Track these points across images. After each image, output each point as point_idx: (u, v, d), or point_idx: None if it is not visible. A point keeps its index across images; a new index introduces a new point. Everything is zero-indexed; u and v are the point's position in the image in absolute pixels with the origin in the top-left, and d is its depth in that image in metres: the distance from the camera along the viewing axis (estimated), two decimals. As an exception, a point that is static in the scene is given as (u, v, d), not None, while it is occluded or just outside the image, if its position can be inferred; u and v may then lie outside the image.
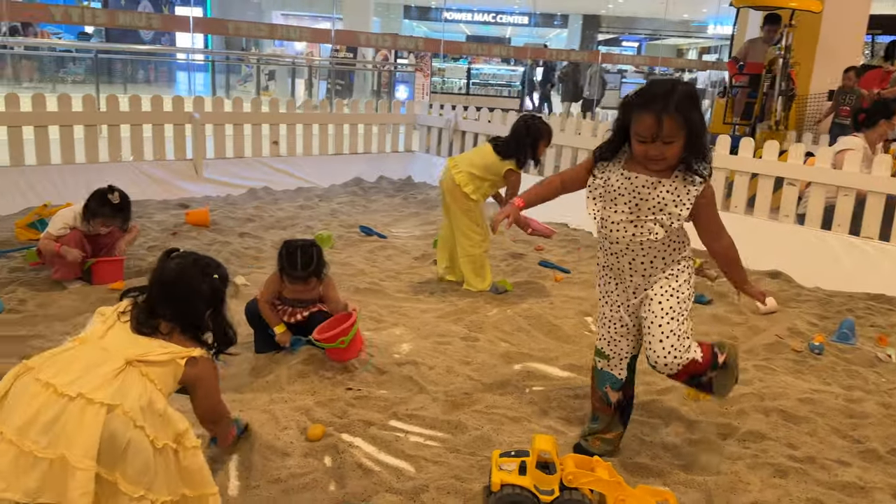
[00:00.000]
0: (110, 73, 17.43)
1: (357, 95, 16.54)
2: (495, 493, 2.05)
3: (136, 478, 1.60)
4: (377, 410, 2.69)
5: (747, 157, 5.24)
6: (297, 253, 2.97)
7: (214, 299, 1.95)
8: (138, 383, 1.67)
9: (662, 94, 2.05)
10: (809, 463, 2.49)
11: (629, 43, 34.44)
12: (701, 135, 2.11)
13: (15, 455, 1.54)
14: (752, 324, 3.86)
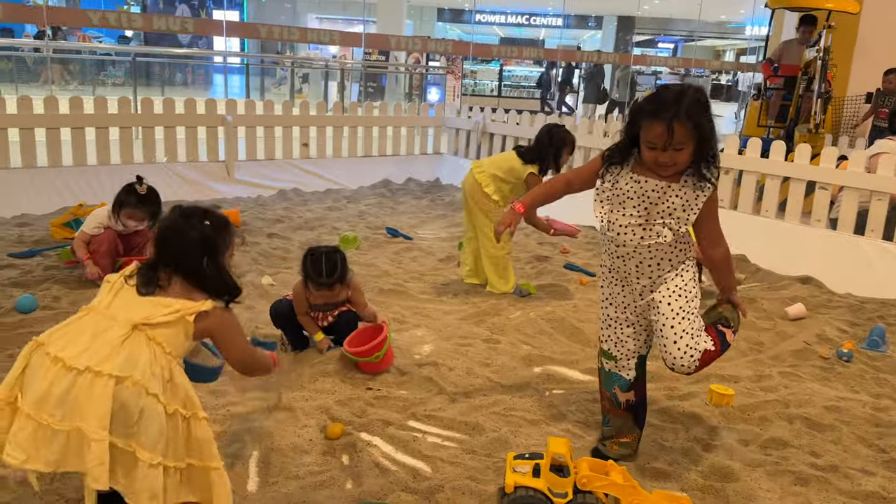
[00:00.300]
0: (148, 76, 17.81)
1: (389, 98, 16.66)
2: (509, 494, 2.06)
3: (152, 445, 1.65)
4: (396, 410, 2.72)
5: (779, 160, 5.16)
6: (321, 260, 3.02)
7: (206, 246, 1.87)
8: (146, 349, 1.69)
9: (673, 101, 2.05)
10: (832, 471, 2.45)
11: (665, 44, 34.07)
12: (711, 140, 2.10)
13: (34, 428, 1.60)
14: (780, 329, 3.81)
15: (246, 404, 2.68)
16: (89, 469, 1.57)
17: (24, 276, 3.89)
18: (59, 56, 14.67)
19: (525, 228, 5.78)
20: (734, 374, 3.22)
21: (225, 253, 1.93)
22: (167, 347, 1.73)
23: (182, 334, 1.78)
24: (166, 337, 1.74)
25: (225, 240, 1.93)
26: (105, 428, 1.58)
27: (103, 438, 1.57)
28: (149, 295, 1.80)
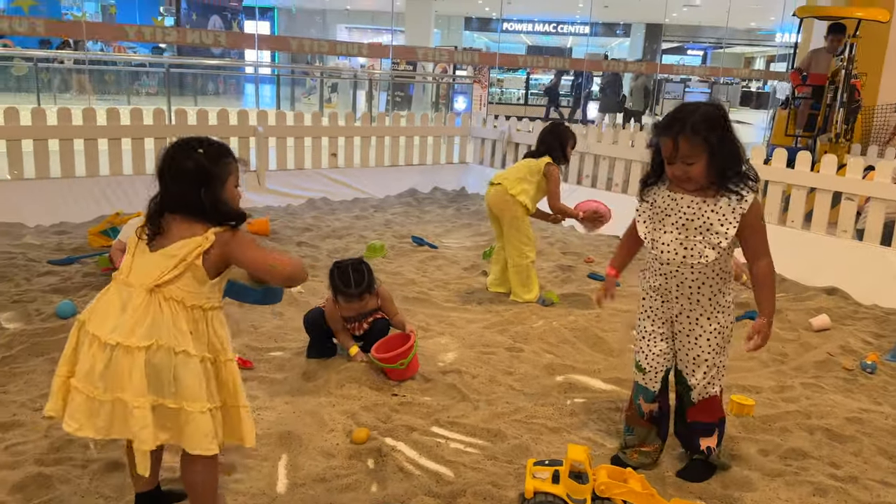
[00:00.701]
0: (181, 86, 18.18)
1: (416, 107, 16.80)
2: (529, 500, 2.12)
3: (195, 395, 1.79)
4: (420, 416, 2.79)
5: (804, 170, 5.15)
6: (348, 272, 3.11)
7: (202, 175, 1.85)
8: (166, 310, 1.78)
9: (680, 118, 2.14)
10: (851, 483, 2.47)
11: (694, 51, 33.85)
12: (728, 154, 2.15)
13: (83, 399, 1.78)
14: (804, 341, 3.81)
15: (276, 408, 2.77)
16: (134, 433, 1.75)
17: (64, 282, 4.04)
18: (96, 67, 15.04)
19: (549, 237, 5.84)
20: (756, 384, 3.25)
21: (225, 181, 1.90)
22: (187, 301, 1.81)
23: (195, 281, 1.82)
24: (181, 290, 1.81)
25: (223, 168, 1.90)
26: (142, 395, 1.73)
27: (142, 405, 1.73)
28: (155, 241, 1.84)
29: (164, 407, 1.78)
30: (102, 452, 2.38)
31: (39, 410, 2.64)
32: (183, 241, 1.82)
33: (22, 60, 13.16)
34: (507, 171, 4.35)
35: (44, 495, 2.13)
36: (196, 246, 1.81)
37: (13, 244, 4.71)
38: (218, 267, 1.88)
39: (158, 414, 1.78)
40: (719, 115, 2.17)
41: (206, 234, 1.83)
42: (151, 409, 1.76)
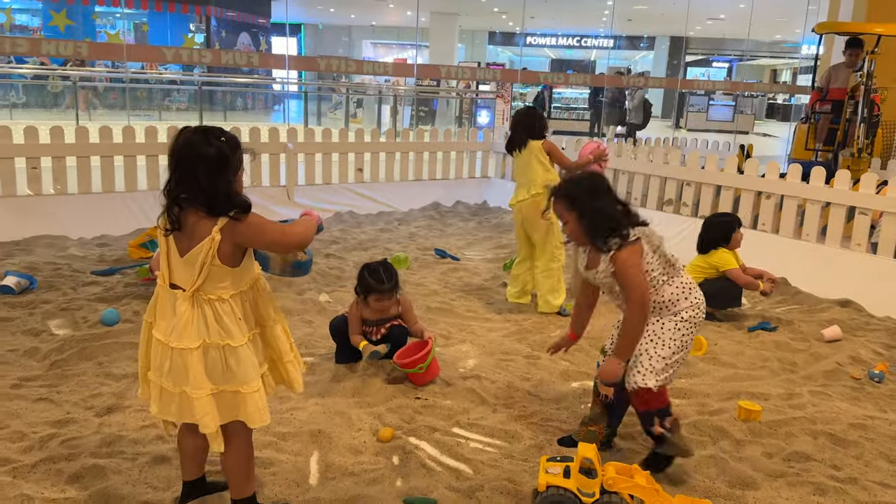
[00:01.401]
0: (212, 102, 18.64)
1: (440, 121, 17.06)
2: (541, 493, 2.28)
3: (246, 378, 2.01)
4: (441, 418, 2.97)
5: (819, 185, 5.26)
6: (378, 270, 3.36)
7: (222, 162, 1.93)
8: (208, 309, 1.98)
9: (559, 187, 2.63)
10: (851, 483, 2.59)
11: (719, 64, 33.79)
12: (594, 217, 2.49)
13: (159, 390, 2.05)
14: (815, 351, 3.92)
15: (307, 409, 2.97)
16: (198, 420, 1.99)
17: (107, 292, 4.29)
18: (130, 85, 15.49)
19: (570, 251, 5.99)
20: (765, 391, 3.37)
21: (238, 171, 2.00)
22: (224, 294, 2.00)
23: (222, 276, 1.98)
24: (217, 289, 1.99)
25: (238, 157, 1.99)
26: (200, 388, 1.97)
27: (201, 396, 1.98)
28: (178, 241, 1.97)
29: (225, 392, 2.01)
30: (150, 446, 2.59)
31: (91, 409, 2.88)
32: (198, 245, 1.93)
33: (58, 78, 13.66)
34: (519, 185, 4.49)
35: (98, 484, 2.34)
36: (207, 250, 1.93)
37: (58, 255, 4.99)
38: (236, 254, 1.99)
39: (220, 399, 2.01)
40: (593, 185, 2.57)
41: (212, 234, 1.92)
42: (214, 395, 2.00)
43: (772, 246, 5.40)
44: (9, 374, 3.13)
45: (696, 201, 6.19)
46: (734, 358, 3.80)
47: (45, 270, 4.60)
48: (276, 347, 2.16)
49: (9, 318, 3.78)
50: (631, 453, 2.75)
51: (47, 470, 2.41)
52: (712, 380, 3.52)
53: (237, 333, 2.00)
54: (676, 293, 2.55)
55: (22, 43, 5.22)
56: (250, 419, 2.04)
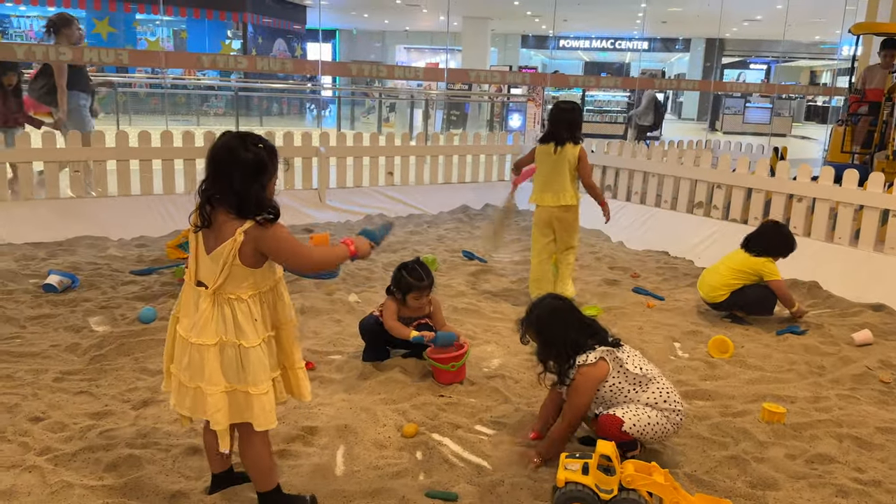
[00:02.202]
0: (248, 107, 18.99)
1: (472, 125, 17.14)
2: (560, 489, 2.32)
3: (257, 380, 2.08)
4: (465, 416, 3.03)
5: (851, 188, 5.20)
6: (416, 268, 3.47)
7: (259, 168, 2.01)
8: (227, 308, 2.05)
9: (527, 311, 2.82)
10: (875, 486, 2.58)
11: (757, 66, 33.33)
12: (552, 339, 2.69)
13: (177, 384, 2.15)
14: (844, 355, 3.88)
15: (335, 405, 3.05)
16: (210, 415, 2.08)
17: (145, 291, 4.43)
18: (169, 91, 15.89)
19: (597, 252, 6.00)
20: (791, 394, 3.36)
21: (273, 177, 2.08)
22: (244, 294, 2.06)
23: (243, 276, 2.04)
24: (237, 288, 2.06)
25: (274, 164, 2.07)
26: (215, 384, 2.05)
27: (214, 392, 2.05)
28: (206, 239, 2.05)
29: (237, 391, 2.08)
30: (183, 439, 2.69)
31: (128, 402, 3.00)
32: (223, 245, 2.01)
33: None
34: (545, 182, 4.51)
35: (133, 473, 2.44)
36: (230, 249, 2.00)
37: (99, 256, 5.16)
38: (257, 257, 2.05)
39: (233, 398, 2.09)
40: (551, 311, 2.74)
41: (236, 234, 1.99)
42: (227, 393, 2.07)
43: (803, 249, 5.31)
44: (51, 367, 3.27)
45: (727, 204, 6.15)
46: (761, 361, 3.79)
47: (86, 270, 4.77)
48: (290, 353, 2.21)
49: (52, 314, 3.94)
50: (650, 452, 2.76)
51: (86, 459, 2.52)
52: (738, 382, 3.51)
53: (251, 334, 2.07)
54: (654, 398, 2.64)
55: (66, 51, 5.41)
56: (256, 421, 2.09)
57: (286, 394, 2.25)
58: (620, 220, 6.85)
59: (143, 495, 2.33)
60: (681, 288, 5.16)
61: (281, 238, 2.06)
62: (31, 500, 2.26)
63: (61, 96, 5.91)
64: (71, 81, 5.95)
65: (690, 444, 2.85)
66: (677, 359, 3.82)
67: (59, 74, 5.86)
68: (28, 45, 5.26)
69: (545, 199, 4.50)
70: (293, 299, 4.32)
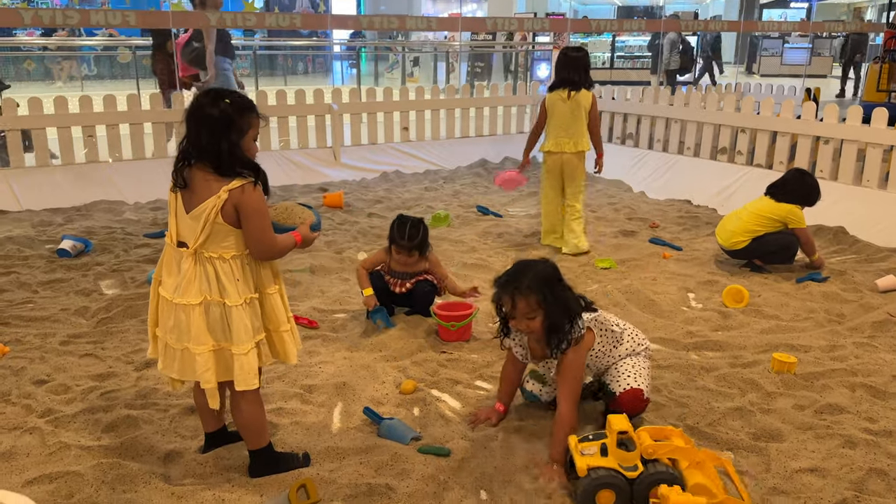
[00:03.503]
0: (272, 67, 18.87)
1: (496, 77, 16.81)
2: (583, 478, 2.09)
3: (240, 339, 2.06)
4: (466, 371, 2.99)
5: (881, 128, 4.96)
6: (406, 225, 3.37)
7: (227, 125, 1.98)
8: (209, 267, 2.03)
9: (515, 278, 2.37)
10: (885, 436, 2.49)
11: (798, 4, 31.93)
12: (558, 308, 2.33)
13: (164, 347, 2.14)
14: (866, 301, 3.74)
15: (336, 363, 3.04)
16: (199, 375, 2.08)
17: (157, 254, 4.46)
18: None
19: (616, 203, 5.87)
20: (806, 343, 3.25)
21: (245, 133, 2.03)
22: (226, 254, 2.04)
23: (225, 235, 2.02)
24: (218, 247, 2.04)
25: (246, 120, 2.02)
26: (202, 343, 2.05)
27: (203, 352, 2.06)
28: (186, 198, 2.03)
29: (224, 350, 2.08)
30: (182, 399, 2.71)
31: (132, 364, 3.03)
32: (204, 202, 1.99)
33: (126, 49, 14.08)
34: (563, 130, 4.47)
35: (131, 433, 2.47)
36: (212, 206, 1.99)
37: (114, 220, 5.21)
38: (231, 218, 2.02)
39: (220, 356, 2.09)
40: (548, 273, 2.39)
41: (220, 192, 1.98)
42: (215, 352, 2.07)
43: (830, 194, 5.12)
44: (59, 331, 3.32)
45: (752, 149, 5.94)
46: (777, 310, 3.68)
47: (100, 234, 4.82)
48: (273, 317, 2.17)
49: (64, 279, 3.99)
50: (654, 406, 2.70)
51: (86, 420, 2.56)
52: (751, 332, 3.42)
53: (233, 293, 2.05)
54: (631, 345, 2.58)
55: (73, 14, 5.40)
56: (236, 381, 2.09)
57: (272, 356, 2.21)
58: (642, 169, 6.69)
59: (138, 454, 2.35)
60: (701, 237, 5.02)
61: (259, 211, 2.04)
62: (29, 461, 2.31)
63: (210, 60, 6.32)
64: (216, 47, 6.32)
65: (695, 397, 2.78)
66: (690, 309, 3.72)
67: (208, 40, 6.24)
68: (35, 9, 5.23)
69: (563, 144, 4.46)
70: (302, 258, 4.33)
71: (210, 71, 6.30)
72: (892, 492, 2.21)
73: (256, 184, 2.04)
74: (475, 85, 12.79)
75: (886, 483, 2.24)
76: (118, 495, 2.14)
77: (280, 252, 2.17)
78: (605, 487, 2.08)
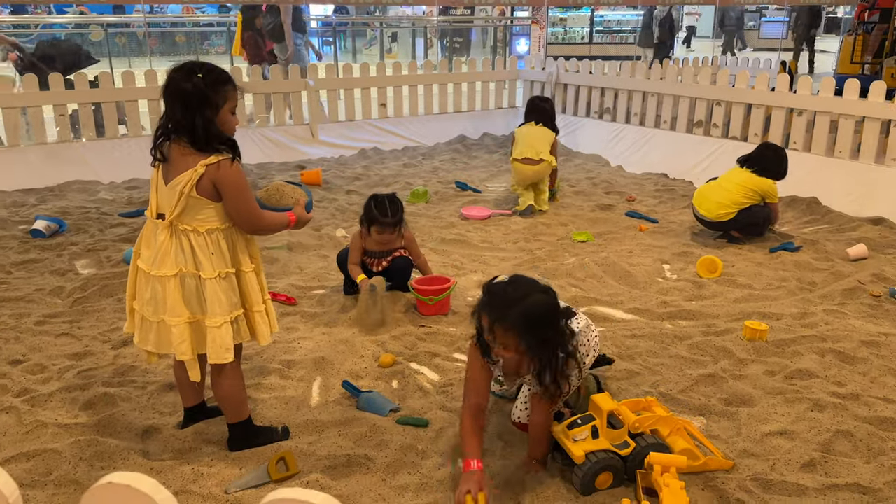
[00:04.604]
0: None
1: (475, 52, 16.69)
2: (581, 465, 2.05)
3: (213, 311, 2.07)
4: (444, 345, 3.02)
5: (852, 99, 5.01)
6: (385, 202, 3.36)
7: (199, 97, 1.97)
8: (184, 240, 2.04)
9: (504, 303, 2.04)
10: (852, 399, 2.56)
11: (775, -22, 31.97)
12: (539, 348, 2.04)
13: (140, 320, 2.15)
14: (836, 270, 3.81)
15: (314, 338, 3.05)
16: (175, 347, 2.08)
17: (133, 232, 4.42)
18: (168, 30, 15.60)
19: (594, 178, 5.89)
20: (778, 311, 3.31)
21: (220, 107, 2.01)
22: (201, 227, 2.04)
23: (200, 208, 2.03)
24: (194, 220, 2.04)
25: (221, 94, 2.01)
26: (178, 315, 2.05)
27: (178, 324, 2.06)
28: (165, 171, 2.04)
29: (200, 322, 2.09)
30: (160, 376, 2.71)
31: (108, 342, 3.02)
32: (180, 174, 2.00)
33: (98, 26, 13.81)
34: (532, 142, 4.85)
35: (108, 411, 2.47)
36: (188, 179, 1.99)
37: (89, 199, 5.15)
38: (215, 191, 2.03)
39: (197, 328, 2.09)
40: (541, 312, 2.03)
41: (197, 166, 1.98)
42: (190, 324, 2.07)
43: (803, 165, 5.20)
44: (34, 311, 3.30)
45: (727, 122, 5.98)
46: (750, 279, 3.73)
47: (74, 214, 4.76)
48: (247, 295, 2.16)
49: (38, 259, 3.95)
50: (629, 373, 2.74)
51: (63, 399, 2.56)
52: (724, 301, 3.47)
53: (207, 266, 2.05)
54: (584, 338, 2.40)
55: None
56: (209, 354, 2.09)
57: (249, 335, 2.20)
58: (619, 143, 6.71)
59: (116, 431, 2.36)
60: (677, 210, 5.07)
61: (239, 186, 2.05)
62: (5, 441, 2.30)
63: (288, 35, 6.65)
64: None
65: (668, 364, 2.83)
66: (664, 280, 3.77)
67: (285, 14, 6.47)
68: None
69: (529, 154, 4.82)
70: (281, 235, 4.30)
71: (290, 47, 6.70)
72: (858, 452, 2.27)
73: (234, 160, 2.04)
74: (453, 60, 12.69)
75: (852, 444, 2.31)
76: (96, 472, 2.14)
77: (269, 227, 2.20)
78: (606, 470, 2.07)
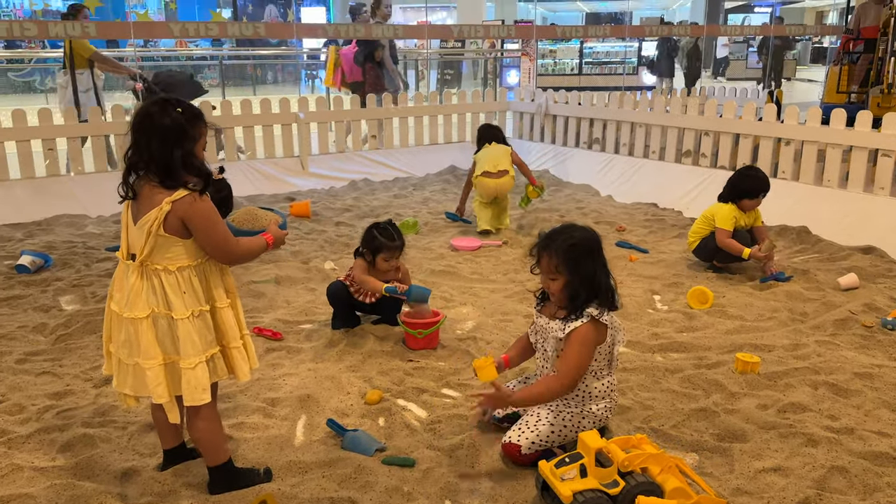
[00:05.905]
0: (242, 77, 18.73)
1: (466, 84, 16.86)
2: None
3: (188, 353, 2.02)
4: (432, 380, 2.97)
5: (839, 128, 5.04)
6: (389, 228, 3.38)
7: (177, 132, 1.95)
8: (155, 280, 1.99)
9: (552, 236, 2.32)
10: (847, 434, 2.52)
11: (762, 9, 32.48)
12: (584, 282, 2.26)
13: (117, 362, 2.11)
14: (828, 300, 3.79)
15: (300, 374, 3.00)
16: (151, 390, 2.03)
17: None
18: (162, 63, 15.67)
19: (584, 208, 5.89)
20: (769, 343, 3.28)
21: (196, 142, 2.01)
22: (171, 266, 1.99)
23: (169, 247, 1.98)
24: (163, 259, 1.99)
25: (196, 129, 2.00)
26: (152, 357, 2.00)
27: (153, 366, 2.01)
28: (134, 208, 2.00)
29: (175, 364, 2.04)
30: (142, 416, 2.65)
31: (90, 381, 2.96)
32: (147, 214, 1.96)
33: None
34: (492, 159, 5.06)
35: (87, 452, 2.41)
36: (154, 219, 1.95)
37: (76, 234, 5.11)
38: (184, 228, 1.99)
39: (172, 370, 2.04)
40: (586, 244, 2.31)
41: (162, 204, 1.94)
42: (165, 366, 2.03)
43: (792, 194, 5.22)
44: (16, 349, 3.24)
45: (715, 151, 6.01)
46: (742, 310, 3.71)
47: (61, 248, 4.72)
48: (224, 331, 2.11)
49: (22, 295, 3.90)
50: (619, 409, 2.70)
51: (41, 440, 2.49)
52: (715, 332, 3.44)
53: (179, 306, 2.00)
54: (603, 391, 2.40)
55: (30, 27, 5.30)
56: (184, 396, 2.04)
57: (227, 372, 2.15)
58: (608, 173, 6.73)
59: (94, 474, 2.29)
60: (667, 240, 5.06)
61: (210, 219, 2.02)
62: (-21, 485, 2.24)
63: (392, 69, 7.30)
64: None
65: (660, 398, 2.78)
66: (655, 311, 3.74)
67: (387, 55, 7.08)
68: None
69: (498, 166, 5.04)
70: (268, 269, 4.27)
71: (396, 80, 7.22)
72: (854, 489, 2.23)
73: (203, 193, 2.00)
74: (444, 91, 12.79)
75: (848, 480, 2.26)
76: (72, 517, 2.08)
77: (245, 254, 2.16)
78: None
